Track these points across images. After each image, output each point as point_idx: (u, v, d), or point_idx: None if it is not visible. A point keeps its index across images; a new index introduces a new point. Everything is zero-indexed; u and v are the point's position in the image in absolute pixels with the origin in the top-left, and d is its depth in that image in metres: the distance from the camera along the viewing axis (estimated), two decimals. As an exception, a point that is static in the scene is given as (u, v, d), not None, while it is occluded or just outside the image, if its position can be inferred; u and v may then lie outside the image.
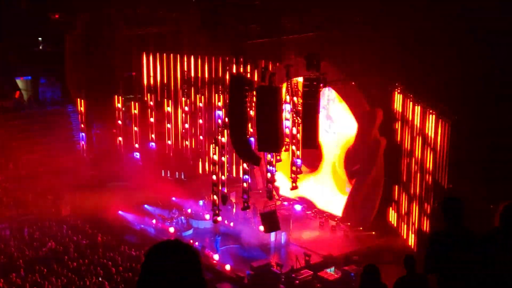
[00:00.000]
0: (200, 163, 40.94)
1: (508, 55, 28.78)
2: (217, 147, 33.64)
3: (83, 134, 43.20)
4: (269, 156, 34.18)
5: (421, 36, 32.37)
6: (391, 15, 33.75)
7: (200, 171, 41.32)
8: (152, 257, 3.78)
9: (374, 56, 35.27)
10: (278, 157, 34.63)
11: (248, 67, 33.19)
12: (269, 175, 34.69)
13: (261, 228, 34.07)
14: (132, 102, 42.08)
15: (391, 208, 36.13)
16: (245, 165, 33.53)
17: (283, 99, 32.57)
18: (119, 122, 42.27)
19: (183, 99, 40.45)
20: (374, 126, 35.72)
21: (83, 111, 42.95)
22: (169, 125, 41.50)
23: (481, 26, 29.11)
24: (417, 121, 33.15)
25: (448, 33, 30.93)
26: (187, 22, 38.61)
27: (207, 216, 37.89)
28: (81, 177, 44.48)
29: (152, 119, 41.61)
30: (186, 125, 40.58)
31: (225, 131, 33.79)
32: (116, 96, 41.89)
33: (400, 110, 34.87)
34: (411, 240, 33.80)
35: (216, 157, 33.53)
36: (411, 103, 33.75)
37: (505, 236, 6.92)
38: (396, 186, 35.42)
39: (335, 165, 38.94)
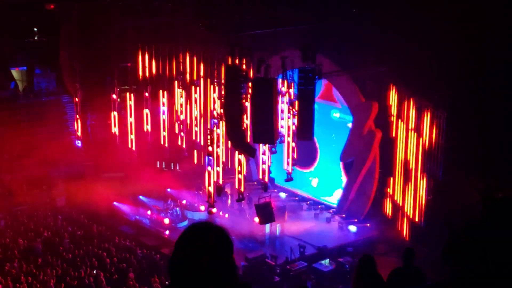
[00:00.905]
0: (196, 154, 40.92)
1: (502, 48, 28.83)
2: (212, 138, 33.63)
3: (78, 124, 43.11)
4: (264, 147, 34.22)
5: (417, 29, 32.37)
6: (387, 8, 33.72)
7: (195, 163, 41.32)
8: (185, 238, 3.84)
9: (370, 48, 35.29)
10: (273, 149, 34.65)
11: (244, 58, 33.13)
12: (264, 166, 34.73)
13: (256, 219, 34.13)
14: (128, 93, 42.01)
15: (385, 200, 36.21)
16: (240, 156, 33.54)
17: (279, 91, 32.59)
18: (114, 113, 42.19)
19: (179, 90, 40.40)
20: (369, 118, 35.78)
21: (78, 101, 42.85)
22: (164, 117, 41.46)
23: (479, 16, 29.14)
24: (412, 114, 33.19)
25: (443, 25, 30.95)
26: (183, 13, 38.51)
27: (202, 208, 37.97)
28: (76, 167, 44.50)
29: (147, 110, 41.58)
30: (182, 117, 40.54)
31: (221, 122, 33.79)
32: (111, 87, 41.80)
33: (396, 103, 34.91)
34: (406, 232, 33.90)
35: (211, 149, 33.53)
36: (406, 95, 33.79)
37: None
38: (391, 178, 35.49)
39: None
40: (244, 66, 32.60)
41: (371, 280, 10.00)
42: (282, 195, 40.93)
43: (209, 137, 33.61)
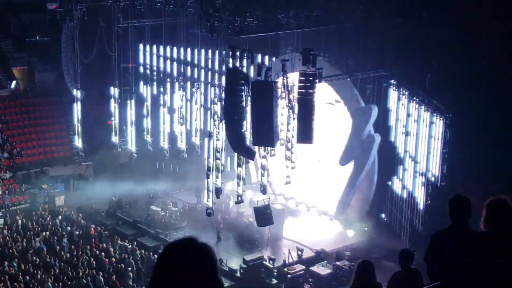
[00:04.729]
0: (195, 156, 40.94)
1: (503, 52, 28.90)
2: (212, 141, 33.67)
3: (79, 124, 43.11)
4: (263, 150, 34.24)
5: (417, 33, 32.46)
6: (387, 13, 33.82)
7: (195, 164, 41.37)
8: (166, 257, 3.68)
9: (370, 52, 35.37)
10: (272, 152, 34.69)
11: (244, 61, 33.23)
12: (263, 169, 34.76)
13: (255, 222, 34.13)
14: (128, 94, 42.02)
15: (384, 204, 36.23)
16: (239, 159, 33.55)
17: (279, 94, 32.62)
18: (115, 113, 42.19)
19: (179, 91, 40.43)
20: (369, 122, 35.79)
21: (79, 101, 42.83)
22: (164, 118, 41.45)
23: (478, 23, 29.22)
24: (411, 118, 33.26)
25: (444, 30, 31.03)
26: (184, 15, 38.55)
27: (201, 209, 37.91)
28: (76, 167, 44.57)
29: (147, 111, 41.62)
30: (181, 118, 40.55)
31: (221, 124, 33.83)
32: (112, 87, 41.82)
33: (395, 107, 34.96)
34: (404, 236, 33.95)
35: (211, 151, 33.56)
36: (406, 100, 33.85)
37: (495, 233, 7.01)
38: (390, 183, 35.52)
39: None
40: (244, 69, 32.64)
41: (369, 286, 10.03)
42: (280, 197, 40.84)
43: (208, 139, 33.67)
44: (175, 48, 40.59)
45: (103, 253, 32.68)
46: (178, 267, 3.60)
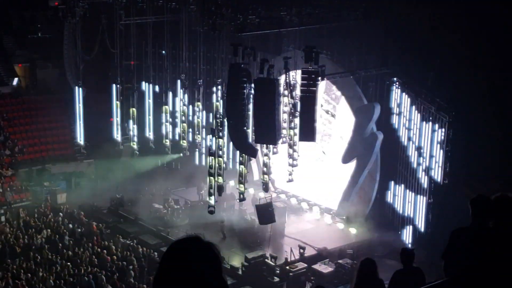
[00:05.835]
0: (197, 153, 40.90)
1: (506, 51, 28.83)
2: (214, 138, 33.62)
3: (80, 122, 43.08)
4: (265, 148, 34.19)
5: (421, 31, 32.38)
6: (390, 10, 33.75)
7: (197, 162, 41.33)
8: (171, 255, 3.63)
9: (373, 50, 35.30)
10: (274, 149, 34.62)
11: (247, 58, 33.18)
12: (265, 167, 34.70)
13: (257, 220, 34.09)
14: (130, 91, 41.97)
15: (386, 203, 36.17)
16: (242, 156, 33.49)
17: (281, 91, 32.59)
18: (117, 111, 42.13)
19: (181, 89, 40.38)
20: (371, 120, 35.72)
21: (81, 99, 42.78)
22: (166, 116, 41.40)
23: (480, 21, 29.14)
24: (414, 117, 33.20)
25: (447, 28, 30.95)
26: (186, 12, 38.50)
27: (203, 207, 37.89)
28: (77, 164, 44.52)
29: (150, 109, 41.58)
30: (184, 116, 40.52)
31: (223, 122, 33.77)
32: (114, 84, 41.74)
33: (398, 105, 34.90)
34: (406, 235, 33.89)
35: (213, 148, 33.51)
36: (409, 98, 33.79)
37: (497, 228, 6.98)
38: (392, 181, 35.45)
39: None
40: (247, 66, 32.58)
41: (372, 285, 9.97)
42: (282, 195, 40.83)
43: (210, 136, 33.61)
44: (177, 45, 40.48)
45: (104, 251, 32.67)
46: (183, 266, 3.56)
